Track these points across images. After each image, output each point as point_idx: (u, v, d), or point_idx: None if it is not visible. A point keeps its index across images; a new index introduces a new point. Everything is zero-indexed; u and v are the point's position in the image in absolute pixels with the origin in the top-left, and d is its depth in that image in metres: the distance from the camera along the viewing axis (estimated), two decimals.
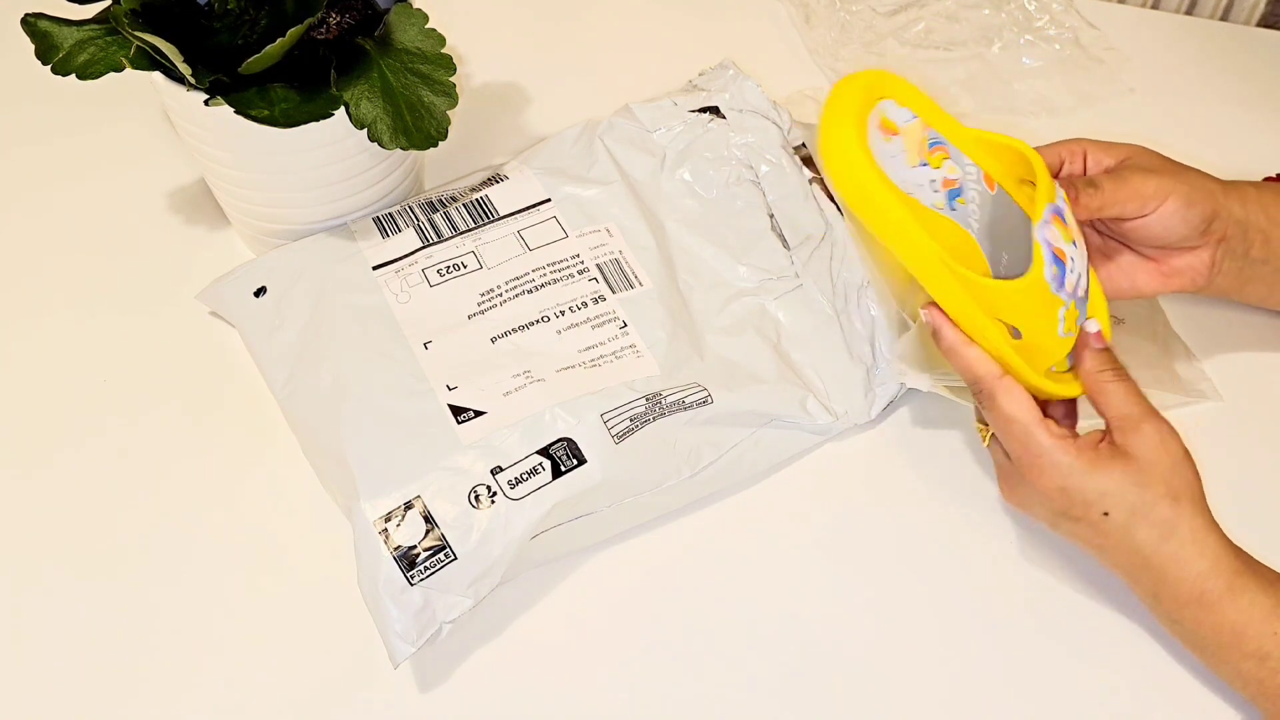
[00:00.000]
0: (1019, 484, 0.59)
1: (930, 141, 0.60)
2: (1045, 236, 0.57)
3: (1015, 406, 0.57)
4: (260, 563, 0.64)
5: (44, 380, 0.71)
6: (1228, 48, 0.89)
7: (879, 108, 0.60)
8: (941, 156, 0.60)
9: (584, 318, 0.66)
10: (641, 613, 0.63)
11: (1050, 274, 0.57)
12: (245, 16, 0.65)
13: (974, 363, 0.58)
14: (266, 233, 0.72)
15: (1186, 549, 0.56)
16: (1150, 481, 0.56)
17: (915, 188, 0.59)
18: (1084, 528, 0.58)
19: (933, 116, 0.61)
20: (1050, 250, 0.57)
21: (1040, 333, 0.59)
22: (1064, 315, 0.58)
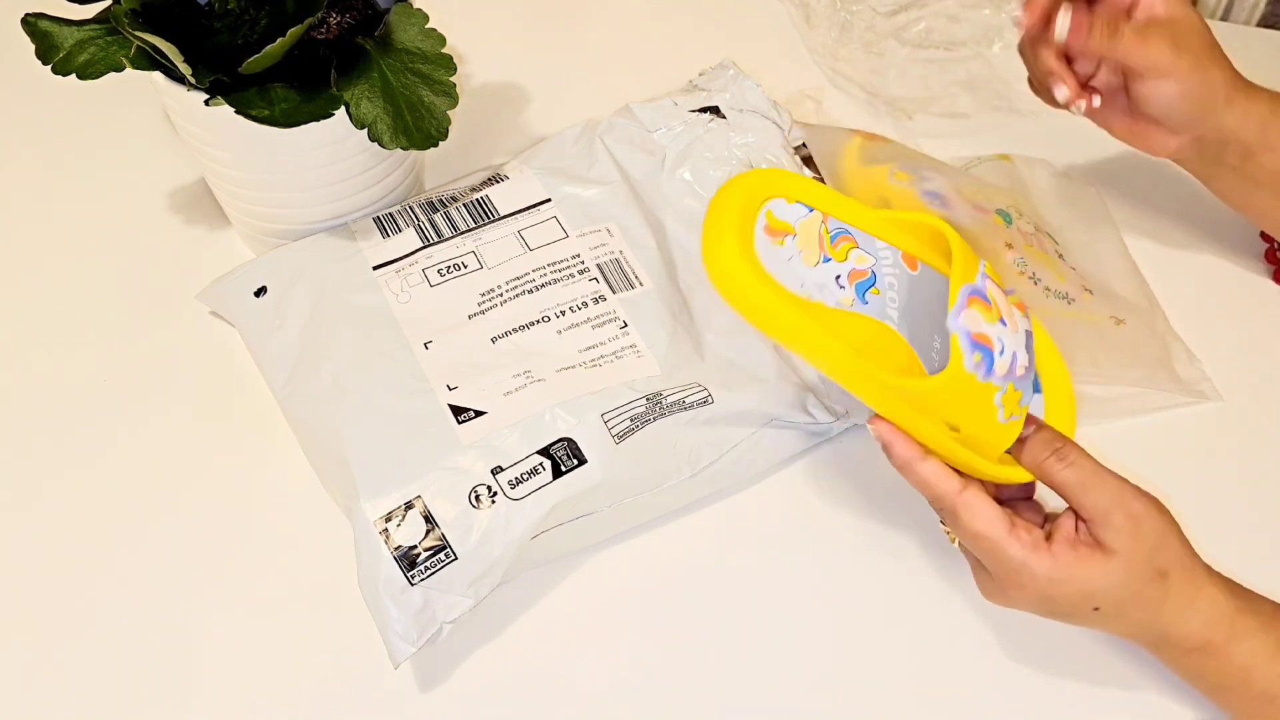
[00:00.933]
0: (997, 591, 0.57)
1: (833, 233, 0.58)
2: (960, 325, 0.53)
3: (980, 523, 0.54)
4: (260, 562, 0.64)
5: (44, 380, 0.71)
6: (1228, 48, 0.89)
7: (766, 209, 0.57)
8: (847, 247, 0.58)
9: (584, 318, 0.66)
10: (642, 613, 0.63)
11: (972, 363, 0.54)
12: (245, 16, 0.65)
13: (931, 480, 0.55)
14: (267, 233, 0.72)
15: (1182, 613, 0.55)
16: (1133, 571, 0.54)
17: (818, 289, 0.57)
18: (1076, 620, 0.57)
19: (833, 205, 0.59)
20: (968, 339, 0.54)
21: (979, 424, 0.55)
22: (1001, 401, 0.55)
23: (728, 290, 0.55)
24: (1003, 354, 0.55)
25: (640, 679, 0.61)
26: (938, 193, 0.72)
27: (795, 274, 0.57)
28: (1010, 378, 0.55)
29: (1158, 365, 0.71)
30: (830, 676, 0.61)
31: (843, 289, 0.58)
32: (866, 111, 0.84)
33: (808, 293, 0.57)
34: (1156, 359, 0.71)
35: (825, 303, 0.58)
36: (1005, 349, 0.55)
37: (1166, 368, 0.71)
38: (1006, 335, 0.55)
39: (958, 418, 0.55)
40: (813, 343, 0.54)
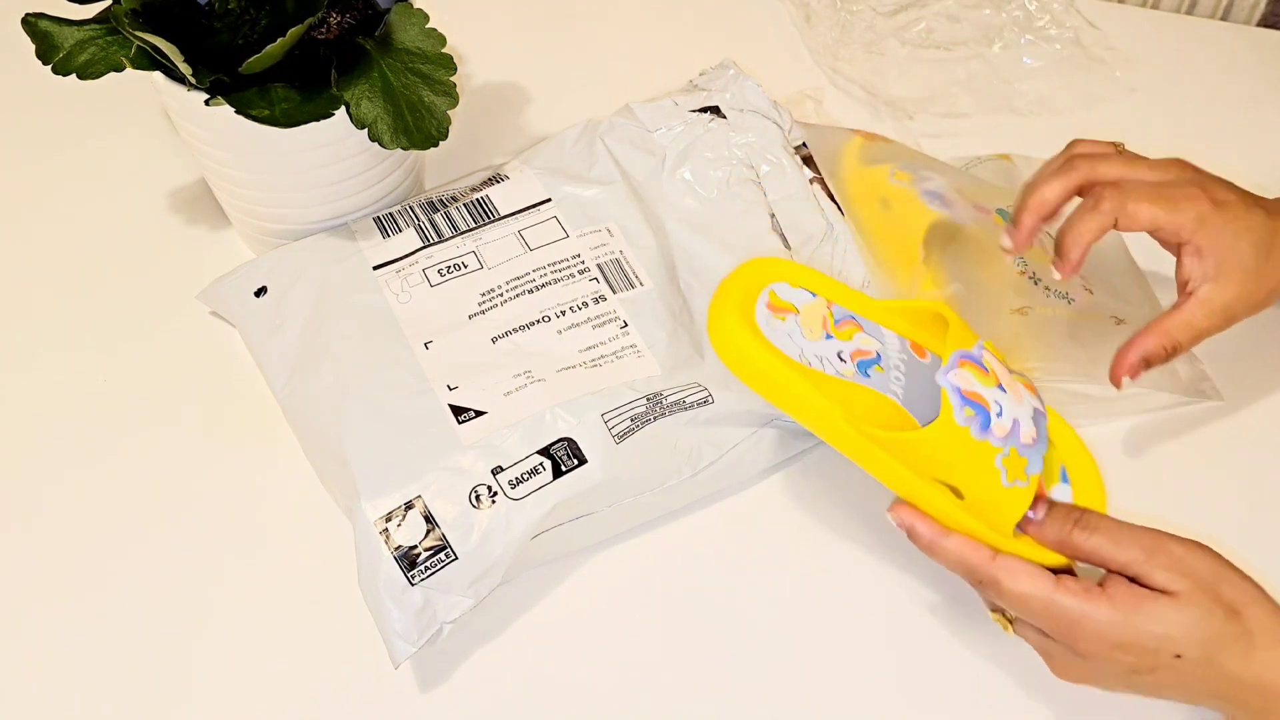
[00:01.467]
0: (1070, 660, 0.53)
1: (837, 318, 0.59)
2: (949, 380, 0.54)
3: (1023, 583, 0.52)
4: (260, 563, 0.64)
5: (44, 380, 0.71)
6: (1228, 47, 0.89)
7: (769, 289, 0.59)
8: (851, 330, 0.59)
9: (584, 318, 0.66)
10: (642, 613, 0.63)
11: (963, 417, 0.54)
12: (246, 16, 0.65)
13: (962, 553, 0.53)
14: (267, 232, 0.72)
15: (1274, 651, 0.50)
16: (1203, 607, 0.51)
17: (817, 359, 0.58)
18: (1162, 675, 0.52)
19: (838, 295, 0.60)
20: (958, 394, 0.54)
21: (981, 486, 0.55)
22: (1004, 464, 0.55)
23: (726, 351, 0.57)
24: (1001, 416, 0.55)
25: (640, 679, 0.61)
26: (938, 192, 0.72)
27: (796, 344, 0.58)
28: (1012, 441, 0.55)
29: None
30: (830, 676, 0.61)
31: (844, 362, 0.59)
32: (867, 111, 0.84)
33: (806, 360, 0.58)
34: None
35: (825, 370, 0.59)
36: (1004, 412, 0.55)
37: (1167, 368, 0.71)
38: (1007, 400, 0.55)
39: (957, 477, 0.55)
40: (806, 402, 0.55)
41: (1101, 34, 0.88)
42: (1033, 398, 0.57)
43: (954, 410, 0.54)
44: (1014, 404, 0.56)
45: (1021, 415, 0.56)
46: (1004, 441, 0.55)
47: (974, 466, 0.55)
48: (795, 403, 0.56)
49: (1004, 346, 0.67)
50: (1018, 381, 0.57)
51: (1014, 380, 0.57)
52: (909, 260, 0.69)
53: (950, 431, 0.54)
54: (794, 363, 0.57)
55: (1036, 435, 0.56)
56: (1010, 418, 0.55)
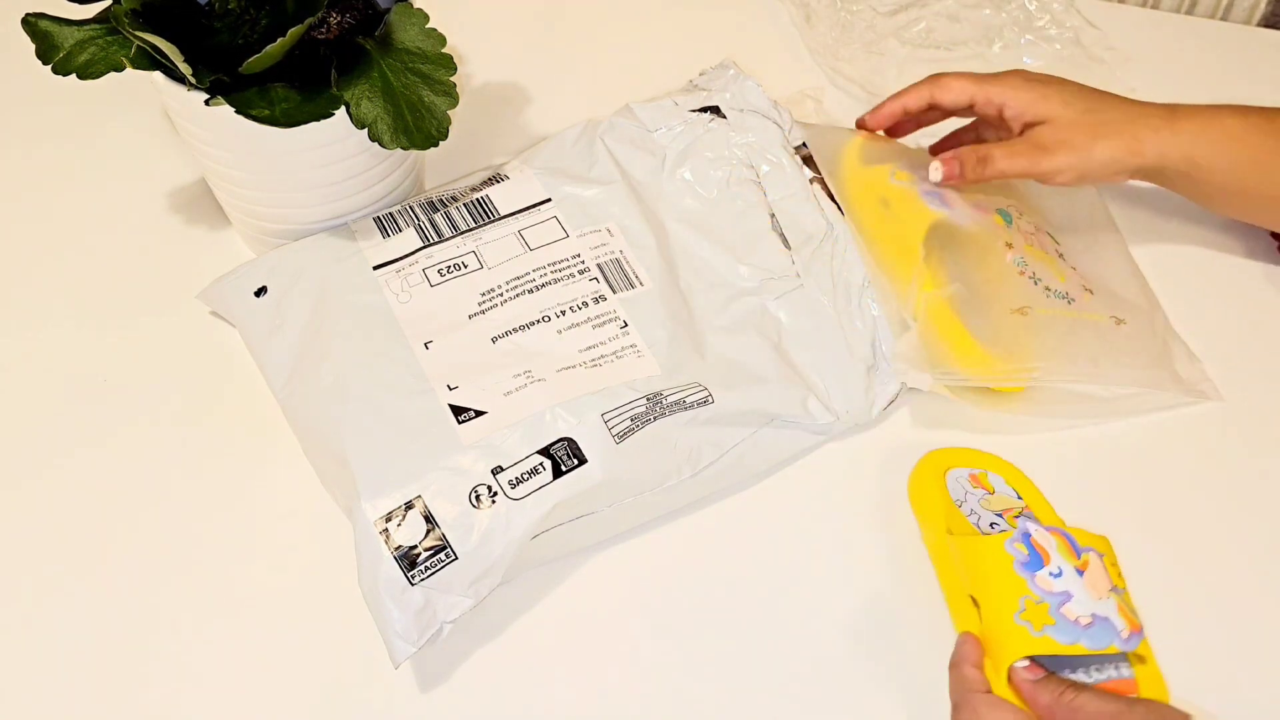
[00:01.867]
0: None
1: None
2: (1026, 525, 0.59)
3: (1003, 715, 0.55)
4: (260, 563, 0.64)
5: (44, 380, 0.71)
6: (1228, 47, 0.89)
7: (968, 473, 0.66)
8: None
9: (585, 317, 0.66)
10: (642, 613, 0.63)
11: (1014, 548, 0.58)
12: (246, 16, 0.65)
13: (965, 668, 0.57)
14: (267, 232, 0.72)
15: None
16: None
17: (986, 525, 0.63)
18: None
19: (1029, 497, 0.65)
20: (1025, 535, 0.58)
21: (995, 607, 0.58)
22: (1026, 604, 0.57)
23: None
24: (1058, 577, 0.57)
25: (640, 679, 0.61)
26: (938, 193, 0.72)
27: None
28: (1052, 600, 0.57)
29: (1158, 365, 0.71)
30: (831, 676, 0.61)
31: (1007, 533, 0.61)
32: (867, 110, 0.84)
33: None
34: (1157, 359, 0.71)
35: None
36: (1063, 575, 0.57)
37: (1167, 368, 0.71)
38: (1074, 579, 0.57)
39: (979, 587, 0.59)
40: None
41: (1101, 34, 0.88)
42: (1118, 613, 0.57)
43: (1011, 537, 0.58)
44: (1082, 589, 0.57)
45: (1082, 596, 0.57)
46: (1042, 593, 0.57)
47: (998, 587, 0.58)
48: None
49: (1004, 346, 0.67)
50: (1116, 600, 0.58)
51: (1103, 578, 0.58)
52: (909, 259, 0.69)
53: (995, 550, 0.58)
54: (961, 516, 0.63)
55: (1092, 621, 0.57)
56: (1066, 590, 0.57)
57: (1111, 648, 0.56)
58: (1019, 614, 0.57)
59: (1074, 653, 0.56)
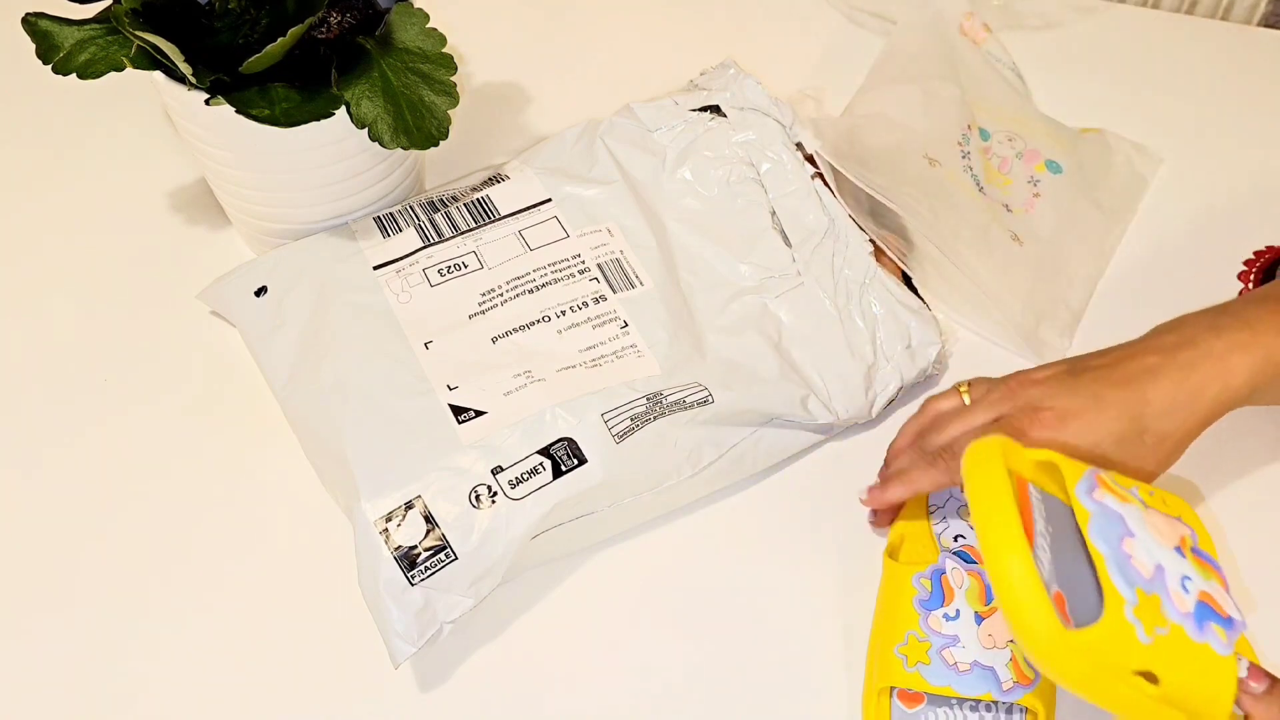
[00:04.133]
0: None
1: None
2: (944, 567, 0.57)
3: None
4: (260, 562, 0.64)
5: (45, 379, 0.71)
6: (1228, 47, 0.89)
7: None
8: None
9: (585, 317, 0.66)
10: (642, 612, 0.63)
11: (919, 584, 0.57)
12: (246, 16, 0.65)
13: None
14: (267, 232, 0.72)
15: None
16: None
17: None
18: None
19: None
20: (938, 575, 0.57)
21: (883, 631, 0.56)
22: (910, 638, 0.56)
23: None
24: (952, 620, 0.56)
25: (640, 678, 0.61)
26: None
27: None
28: (936, 641, 0.56)
29: (1020, 304, 0.72)
30: (830, 676, 0.61)
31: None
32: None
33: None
34: (1026, 307, 0.72)
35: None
36: (958, 619, 0.56)
37: (1027, 315, 0.72)
38: (968, 625, 0.56)
39: (879, 608, 0.58)
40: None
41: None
42: (1008, 671, 0.56)
43: (921, 571, 0.56)
44: (975, 639, 0.56)
45: (973, 649, 0.56)
46: (930, 632, 0.56)
47: (891, 618, 0.56)
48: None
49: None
50: (1013, 651, 0.56)
51: (1009, 647, 0.56)
52: None
53: (902, 579, 0.57)
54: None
55: (970, 670, 0.56)
56: (957, 634, 0.56)
57: (987, 695, 0.56)
58: (899, 646, 0.57)
59: (943, 694, 0.56)
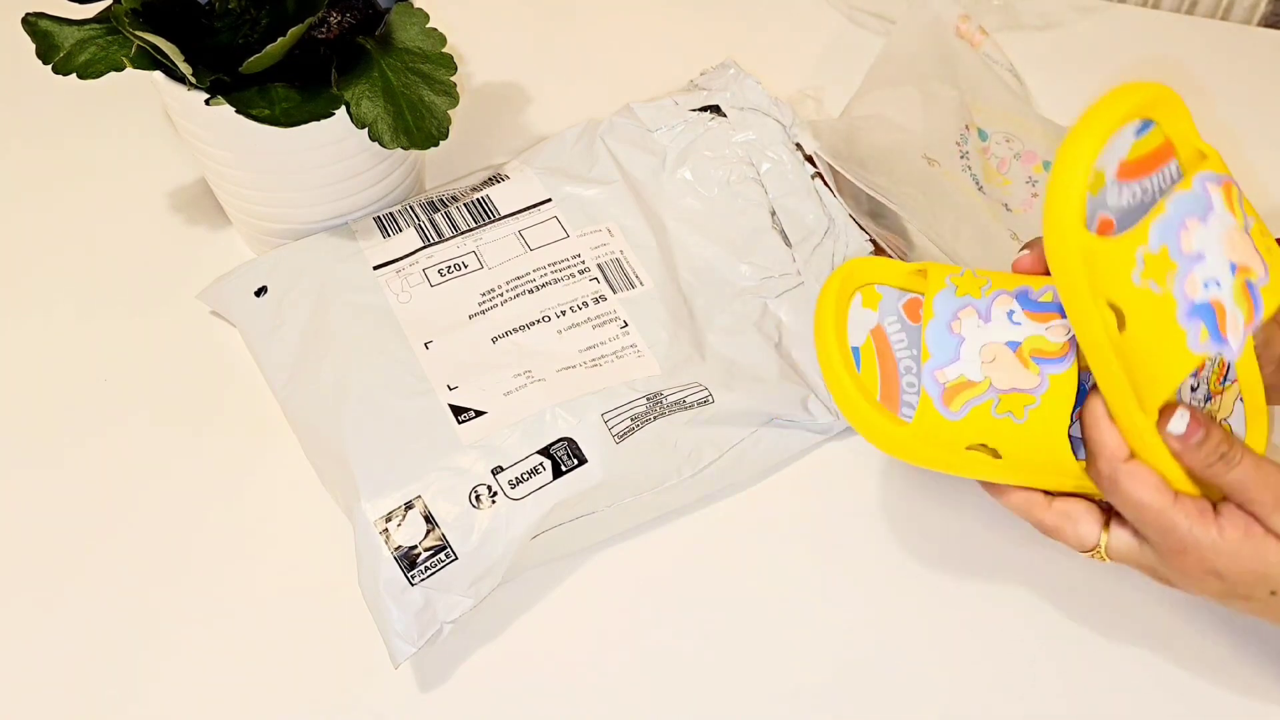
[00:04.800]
0: (1164, 573, 0.53)
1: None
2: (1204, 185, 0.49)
3: (1143, 492, 0.50)
4: (260, 563, 0.64)
5: (44, 379, 0.71)
6: (1228, 47, 0.89)
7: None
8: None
9: (585, 317, 0.66)
10: (642, 612, 0.63)
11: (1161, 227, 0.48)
12: (246, 16, 0.65)
13: (1103, 436, 0.50)
14: (267, 232, 0.72)
15: None
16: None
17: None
18: (1256, 605, 0.52)
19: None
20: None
21: (1149, 323, 0.48)
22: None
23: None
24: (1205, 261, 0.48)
25: (641, 679, 0.61)
26: None
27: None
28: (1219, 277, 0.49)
29: None
30: (831, 676, 0.61)
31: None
32: None
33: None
34: None
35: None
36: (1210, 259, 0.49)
37: None
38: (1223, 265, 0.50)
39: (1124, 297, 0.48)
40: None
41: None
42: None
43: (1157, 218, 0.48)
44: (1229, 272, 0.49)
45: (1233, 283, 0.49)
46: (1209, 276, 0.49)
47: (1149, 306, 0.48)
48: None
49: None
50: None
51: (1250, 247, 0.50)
52: None
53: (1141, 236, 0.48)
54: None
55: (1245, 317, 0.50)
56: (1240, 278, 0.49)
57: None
58: (1192, 333, 0.49)
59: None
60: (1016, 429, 0.52)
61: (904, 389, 0.56)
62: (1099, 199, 0.49)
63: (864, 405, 0.55)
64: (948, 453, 0.54)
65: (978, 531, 0.66)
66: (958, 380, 0.53)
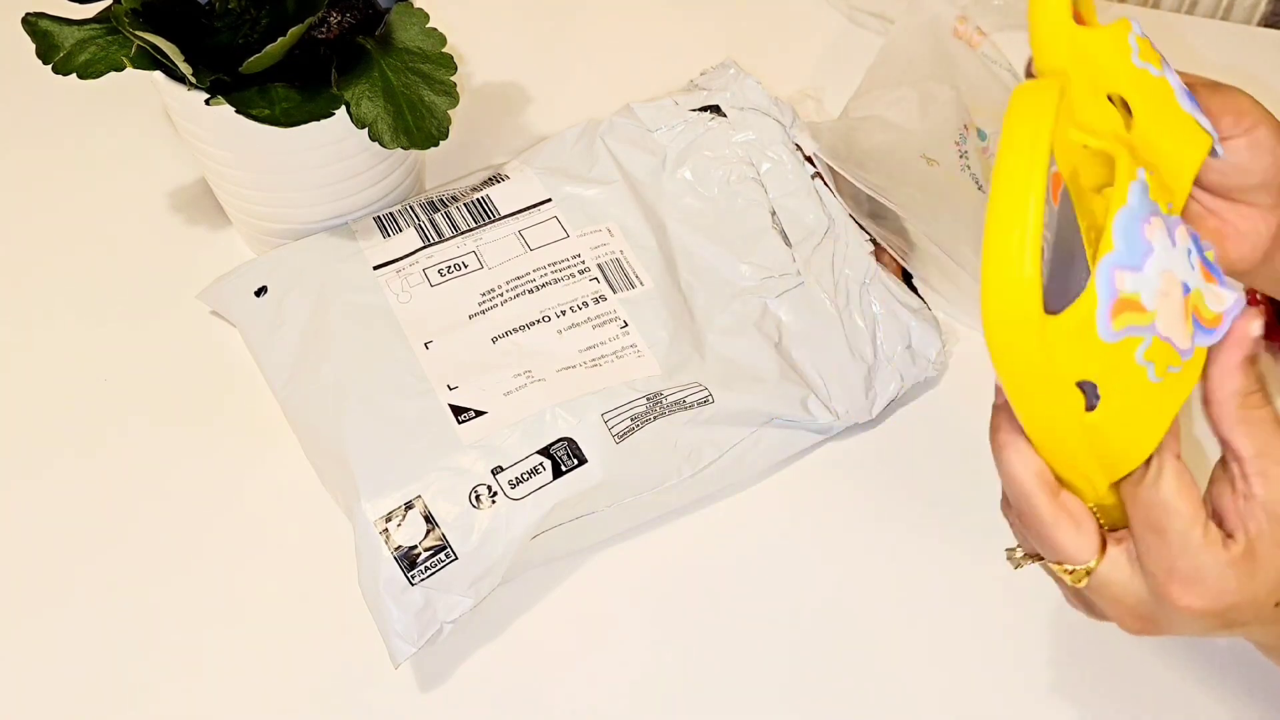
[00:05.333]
0: (1158, 606, 0.44)
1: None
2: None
3: (1182, 503, 0.42)
4: (260, 563, 0.64)
5: (44, 379, 0.71)
6: (1228, 47, 0.89)
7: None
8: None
9: (585, 317, 0.66)
10: (642, 612, 0.63)
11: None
12: (246, 16, 0.65)
13: (1020, 477, 0.43)
14: (267, 232, 0.72)
15: None
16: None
17: None
18: (1254, 629, 0.45)
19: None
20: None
21: (1154, 112, 0.43)
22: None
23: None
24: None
25: (641, 679, 0.61)
26: None
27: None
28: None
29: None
30: (831, 676, 0.61)
31: None
32: None
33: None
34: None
35: None
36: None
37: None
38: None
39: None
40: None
41: None
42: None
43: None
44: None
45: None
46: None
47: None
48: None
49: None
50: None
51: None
52: None
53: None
54: None
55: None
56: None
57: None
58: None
59: None
60: (1147, 387, 0.42)
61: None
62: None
63: (1028, 270, 0.38)
64: (1060, 376, 0.40)
65: (978, 529, 0.65)
66: (1133, 295, 0.41)
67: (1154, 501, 0.42)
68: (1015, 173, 0.37)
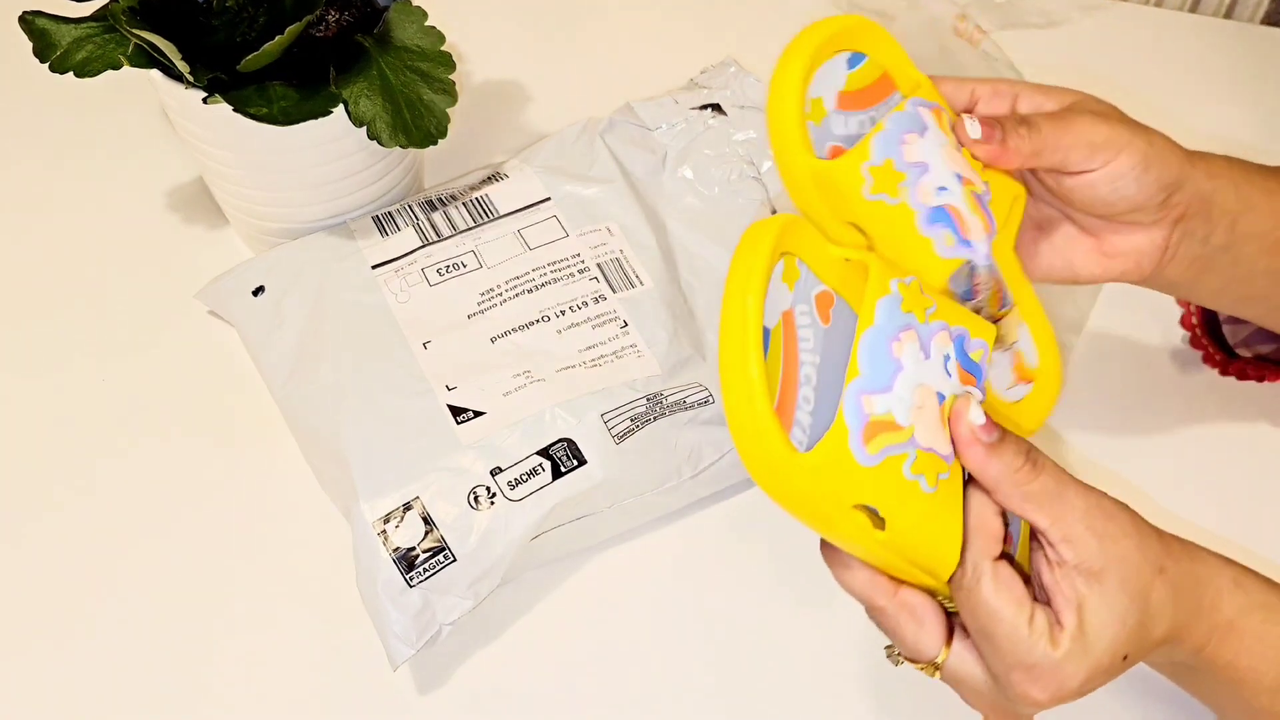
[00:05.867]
0: (1006, 693, 0.45)
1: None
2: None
3: (1002, 601, 0.43)
4: (259, 564, 0.64)
5: (42, 379, 0.70)
6: (1230, 45, 0.89)
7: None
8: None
9: (584, 317, 0.66)
10: (642, 614, 0.63)
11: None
12: (244, 14, 0.64)
13: (860, 583, 0.45)
14: (265, 231, 0.71)
15: (1167, 607, 0.44)
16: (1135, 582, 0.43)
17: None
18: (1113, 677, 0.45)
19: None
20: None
21: (891, 235, 0.46)
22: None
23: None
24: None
25: (640, 680, 0.61)
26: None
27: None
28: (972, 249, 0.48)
29: None
30: (831, 677, 0.61)
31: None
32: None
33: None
34: None
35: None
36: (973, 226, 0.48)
37: None
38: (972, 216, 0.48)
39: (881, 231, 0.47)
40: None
41: None
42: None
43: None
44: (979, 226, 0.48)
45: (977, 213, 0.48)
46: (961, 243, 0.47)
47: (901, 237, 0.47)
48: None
49: None
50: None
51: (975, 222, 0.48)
52: None
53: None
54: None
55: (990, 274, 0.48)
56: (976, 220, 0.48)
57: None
58: (939, 245, 0.47)
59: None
60: (923, 499, 0.43)
61: (799, 402, 0.43)
62: (824, 128, 0.48)
63: (761, 412, 0.40)
64: (834, 505, 0.42)
65: None
66: (884, 416, 0.43)
67: (976, 604, 0.43)
68: (730, 325, 0.41)
